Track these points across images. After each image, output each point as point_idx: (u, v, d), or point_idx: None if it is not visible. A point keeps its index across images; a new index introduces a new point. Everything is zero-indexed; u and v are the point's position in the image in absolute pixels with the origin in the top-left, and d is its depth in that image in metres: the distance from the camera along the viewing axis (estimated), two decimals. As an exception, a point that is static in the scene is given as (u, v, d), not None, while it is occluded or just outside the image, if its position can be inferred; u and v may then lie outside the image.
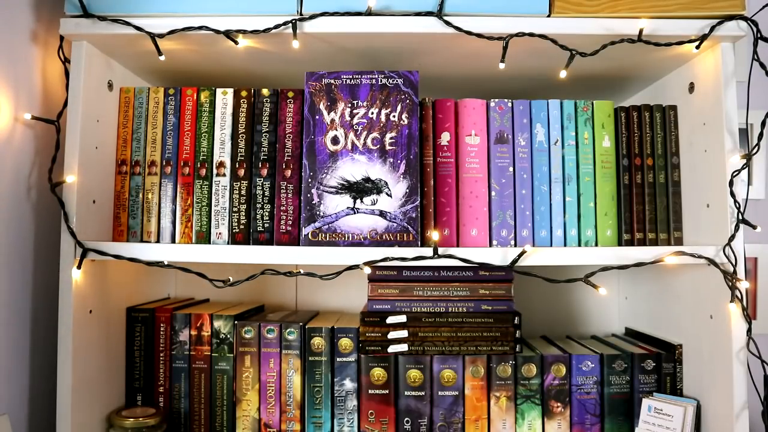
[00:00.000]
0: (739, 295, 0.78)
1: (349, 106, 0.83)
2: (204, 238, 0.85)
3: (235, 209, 0.85)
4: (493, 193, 0.86)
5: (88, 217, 0.82)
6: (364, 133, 0.82)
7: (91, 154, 0.83)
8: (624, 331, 1.12)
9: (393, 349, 0.88)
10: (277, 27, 0.79)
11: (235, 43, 0.81)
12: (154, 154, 0.87)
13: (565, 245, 0.86)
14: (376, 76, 0.83)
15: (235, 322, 0.92)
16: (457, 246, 0.84)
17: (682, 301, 0.91)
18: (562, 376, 0.89)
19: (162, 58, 0.84)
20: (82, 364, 0.81)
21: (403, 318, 0.88)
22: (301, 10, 0.80)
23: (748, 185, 1.12)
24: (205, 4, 0.80)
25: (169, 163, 0.87)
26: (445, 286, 0.89)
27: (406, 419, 0.89)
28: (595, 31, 0.79)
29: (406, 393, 0.89)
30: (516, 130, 0.87)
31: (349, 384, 0.90)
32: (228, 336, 0.92)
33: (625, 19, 0.79)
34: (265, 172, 0.85)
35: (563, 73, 0.85)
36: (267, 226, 0.84)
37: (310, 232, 0.81)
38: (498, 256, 0.80)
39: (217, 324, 0.92)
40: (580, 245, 0.86)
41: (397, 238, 0.81)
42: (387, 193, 0.81)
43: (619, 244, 0.87)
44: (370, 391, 0.89)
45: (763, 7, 0.86)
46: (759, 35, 0.79)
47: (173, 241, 0.86)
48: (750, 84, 0.82)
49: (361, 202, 0.81)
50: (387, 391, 0.89)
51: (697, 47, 0.80)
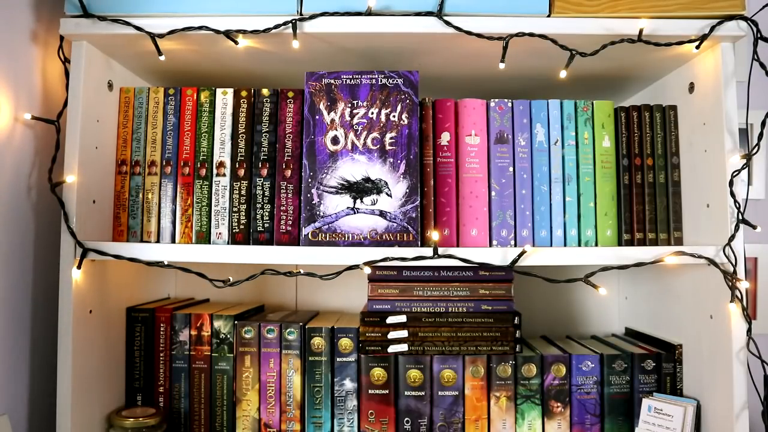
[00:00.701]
0: (739, 295, 0.78)
1: (349, 106, 0.83)
2: (204, 238, 0.85)
3: (235, 209, 0.85)
4: (493, 193, 0.86)
5: (88, 217, 0.82)
6: (364, 133, 0.82)
7: (91, 154, 0.83)
8: (624, 331, 1.12)
9: (393, 349, 0.88)
10: (277, 27, 0.79)
11: (235, 43, 0.81)
12: (154, 154, 0.87)
13: (565, 245, 0.86)
14: (376, 76, 0.83)
15: (235, 322, 0.92)
16: (457, 246, 0.84)
17: (682, 301, 0.91)
18: (562, 376, 0.89)
19: (162, 58, 0.84)
20: (82, 364, 0.81)
21: (403, 318, 0.88)
22: (301, 10, 0.80)
23: (748, 185, 1.12)
24: (205, 4, 0.80)
25: (169, 163, 0.87)
26: (445, 286, 0.89)
27: (406, 419, 0.89)
28: (595, 31, 0.79)
29: (406, 393, 0.89)
30: (516, 130, 0.87)
31: (349, 384, 0.90)
32: (228, 336, 0.92)
33: (625, 19, 0.79)
34: (265, 172, 0.85)
35: (563, 73, 0.85)
36: (267, 226, 0.84)
37: (310, 232, 0.81)
38: (498, 256, 0.80)
39: (217, 324, 0.92)
40: (580, 245, 0.86)
41: (397, 238, 0.81)
42: (387, 193, 0.81)
43: (619, 244, 0.87)
44: (370, 391, 0.89)
45: (763, 7, 0.86)
46: (759, 35, 0.79)
47: (173, 241, 0.86)
48: (750, 84, 0.82)
49: (361, 202, 0.81)
50: (387, 391, 0.89)
51: (697, 47, 0.80)
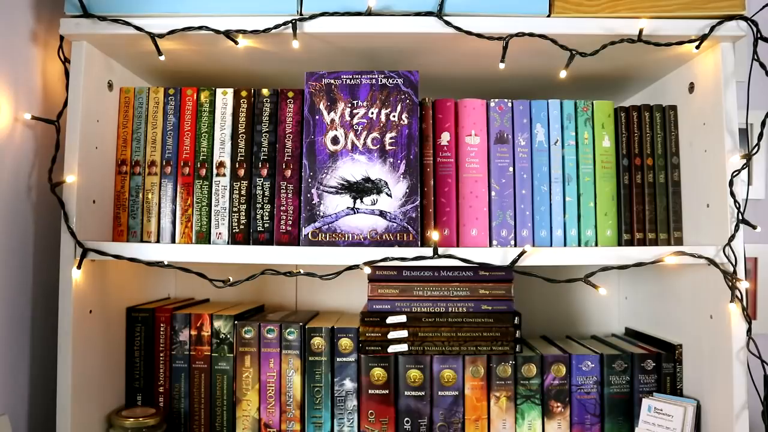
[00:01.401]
0: (739, 295, 0.78)
1: (349, 106, 0.83)
2: (204, 238, 0.85)
3: (235, 209, 0.85)
4: (493, 193, 0.86)
5: (88, 217, 0.82)
6: (364, 133, 0.82)
7: (91, 154, 0.83)
8: (624, 331, 1.12)
9: (393, 349, 0.88)
10: (277, 27, 0.79)
11: (235, 43, 0.81)
12: (154, 154, 0.87)
13: (565, 245, 0.86)
14: (376, 76, 0.83)
15: (235, 322, 0.92)
16: (457, 246, 0.84)
17: (682, 301, 0.91)
18: (562, 376, 0.89)
19: (162, 58, 0.84)
20: (82, 364, 0.81)
21: (403, 318, 0.88)
22: (301, 10, 0.80)
23: (748, 185, 1.12)
24: (205, 4, 0.80)
25: (169, 163, 0.87)
26: (445, 286, 0.89)
27: (406, 419, 0.89)
28: (595, 31, 0.79)
29: (406, 393, 0.89)
30: (516, 130, 0.87)
31: (349, 384, 0.90)
32: (228, 336, 0.92)
33: (625, 19, 0.79)
34: (265, 172, 0.85)
35: (563, 73, 0.85)
36: (267, 226, 0.84)
37: (310, 232, 0.81)
38: (498, 256, 0.80)
39: (217, 324, 0.92)
40: (580, 245, 0.86)
41: (397, 238, 0.81)
42: (387, 193, 0.81)
43: (619, 244, 0.87)
44: (370, 391, 0.89)
45: (763, 7, 0.86)
46: (759, 35, 0.79)
47: (173, 241, 0.86)
48: (750, 84, 0.82)
49: (361, 202, 0.81)
50: (387, 391, 0.89)
51: (697, 47, 0.80)
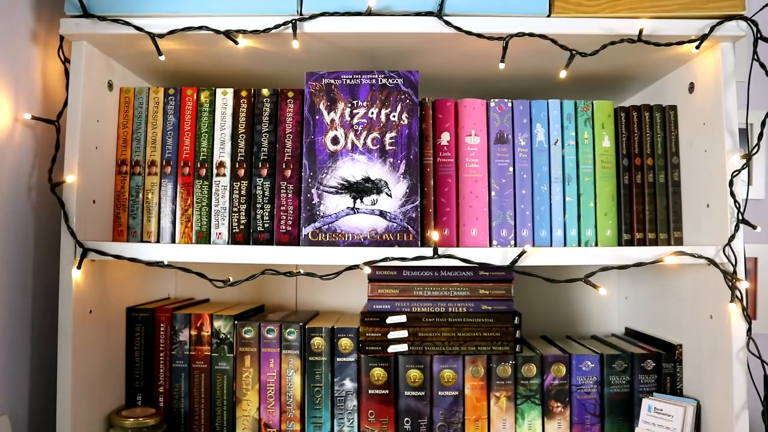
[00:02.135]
0: (739, 295, 0.78)
1: (349, 106, 0.83)
2: (204, 238, 0.85)
3: (235, 209, 0.85)
4: (493, 193, 0.86)
5: (88, 217, 0.82)
6: (364, 133, 0.82)
7: (91, 154, 0.83)
8: (624, 331, 1.12)
9: (393, 349, 0.88)
10: (277, 27, 0.79)
11: (235, 43, 0.81)
12: (154, 154, 0.87)
13: (565, 245, 0.86)
14: (376, 76, 0.83)
15: (235, 322, 0.92)
16: (457, 246, 0.84)
17: (682, 301, 0.91)
18: (562, 376, 0.89)
19: (162, 58, 0.84)
20: (82, 364, 0.81)
21: (403, 318, 0.88)
22: (301, 10, 0.80)
23: (748, 185, 1.12)
24: (205, 4, 0.80)
25: (169, 163, 0.87)
26: (445, 286, 0.89)
27: (406, 419, 0.89)
28: (595, 31, 0.79)
29: (406, 393, 0.89)
30: (516, 130, 0.87)
31: (349, 384, 0.90)
32: (228, 336, 0.92)
33: (625, 19, 0.79)
34: (265, 172, 0.85)
35: (563, 73, 0.85)
36: (267, 226, 0.84)
37: (310, 232, 0.81)
38: (498, 256, 0.80)
39: (217, 324, 0.92)
40: (580, 245, 0.86)
41: (397, 238, 0.81)
42: (387, 193, 0.81)
43: (619, 244, 0.87)
44: (370, 391, 0.89)
45: (763, 7, 0.86)
46: (759, 35, 0.79)
47: (173, 241, 0.86)
48: (750, 84, 0.82)
49: (361, 202, 0.81)
50: (387, 391, 0.89)
51: (697, 47, 0.80)
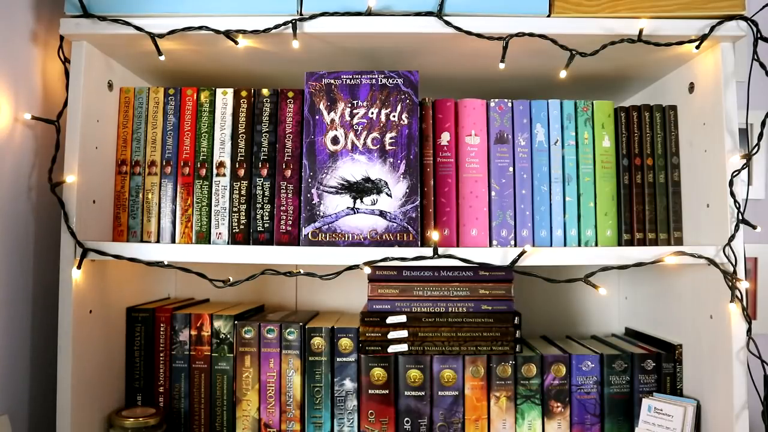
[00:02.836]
0: (739, 295, 0.78)
1: (349, 106, 0.83)
2: (204, 238, 0.85)
3: (235, 209, 0.85)
4: (493, 193, 0.86)
5: (88, 217, 0.82)
6: (364, 133, 0.82)
7: (91, 154, 0.83)
8: (624, 331, 1.12)
9: (393, 349, 0.88)
10: (277, 27, 0.79)
11: (235, 43, 0.81)
12: (154, 154, 0.87)
13: (565, 245, 0.86)
14: (376, 76, 0.83)
15: (235, 322, 0.92)
16: (457, 246, 0.84)
17: (682, 301, 0.91)
18: (562, 376, 0.89)
19: (162, 58, 0.84)
20: (82, 364, 0.81)
21: (403, 318, 0.88)
22: (301, 10, 0.80)
23: (748, 185, 1.12)
24: (205, 4, 0.80)
25: (169, 163, 0.87)
26: (445, 286, 0.89)
27: (406, 419, 0.89)
28: (595, 31, 0.79)
29: (406, 393, 0.89)
30: (516, 130, 0.87)
31: (349, 384, 0.90)
32: (228, 336, 0.92)
33: (625, 19, 0.79)
34: (265, 172, 0.85)
35: (563, 73, 0.85)
36: (267, 226, 0.84)
37: (310, 232, 0.81)
38: (498, 256, 0.80)
39: (217, 324, 0.92)
40: (580, 245, 0.86)
41: (397, 238, 0.81)
42: (387, 193, 0.81)
43: (619, 244, 0.87)
44: (370, 391, 0.89)
45: (763, 7, 0.86)
46: (759, 35, 0.79)
47: (173, 241, 0.86)
48: (750, 84, 0.82)
49: (361, 202, 0.81)
50: (387, 391, 0.89)
51: (697, 47, 0.80)
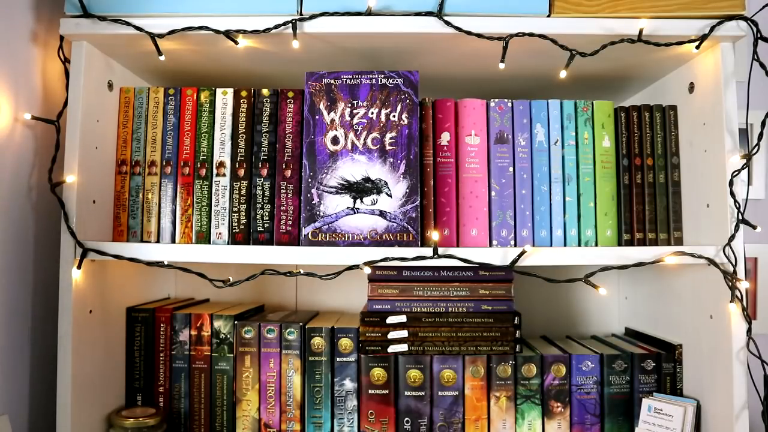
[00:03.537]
0: (739, 295, 0.78)
1: (349, 106, 0.83)
2: (204, 238, 0.85)
3: (235, 209, 0.85)
4: (493, 193, 0.86)
5: (88, 217, 0.82)
6: (364, 133, 0.82)
7: (91, 154, 0.83)
8: (624, 331, 1.12)
9: (393, 349, 0.88)
10: (277, 27, 0.79)
11: (235, 43, 0.81)
12: (154, 154, 0.87)
13: (565, 245, 0.86)
14: (376, 76, 0.83)
15: (235, 322, 0.92)
16: (457, 246, 0.84)
17: (682, 301, 0.91)
18: (562, 376, 0.89)
19: (162, 58, 0.84)
20: (82, 364, 0.81)
21: (403, 318, 0.88)
22: (301, 10, 0.80)
23: (748, 185, 1.12)
24: (205, 4, 0.80)
25: (169, 163, 0.87)
26: (445, 286, 0.89)
27: (406, 419, 0.89)
28: (595, 31, 0.79)
29: (406, 393, 0.89)
30: (516, 130, 0.87)
31: (349, 384, 0.90)
32: (228, 336, 0.92)
33: (625, 19, 0.79)
34: (265, 172, 0.85)
35: (563, 73, 0.85)
36: (267, 226, 0.84)
37: (310, 232, 0.81)
38: (498, 256, 0.80)
39: (217, 324, 0.92)
40: (580, 245, 0.86)
41: (397, 238, 0.81)
42: (387, 193, 0.81)
43: (619, 244, 0.87)
44: (370, 391, 0.89)
45: (763, 7, 0.86)
46: (759, 35, 0.79)
47: (173, 241, 0.86)
48: (750, 84, 0.82)
49: (361, 202, 0.81)
50: (387, 391, 0.89)
51: (697, 47, 0.80)
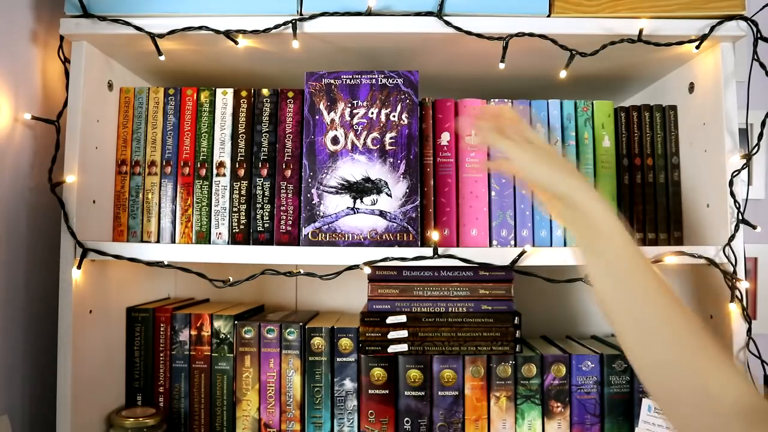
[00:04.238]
0: (739, 295, 0.78)
1: (349, 106, 0.83)
2: (204, 238, 0.85)
3: (235, 209, 0.85)
4: (493, 193, 0.86)
5: (88, 217, 0.82)
6: (364, 133, 0.82)
7: (91, 154, 0.83)
8: (624, 331, 1.12)
9: (393, 349, 0.88)
10: (277, 27, 0.79)
11: (235, 43, 0.81)
12: (154, 154, 0.87)
13: (565, 245, 0.86)
14: (376, 76, 0.83)
15: (235, 322, 0.92)
16: (457, 246, 0.84)
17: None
18: (562, 376, 0.89)
19: (162, 58, 0.84)
20: (82, 364, 0.81)
21: (403, 318, 0.88)
22: (301, 10, 0.80)
23: (748, 185, 1.12)
24: (205, 4, 0.80)
25: (169, 163, 0.87)
26: (445, 286, 0.89)
27: (406, 419, 0.88)
28: (595, 31, 0.79)
29: (406, 393, 0.89)
30: (516, 130, 0.87)
31: (349, 384, 0.90)
32: (228, 336, 0.92)
33: (625, 19, 0.79)
34: (265, 172, 0.85)
35: (563, 73, 0.85)
36: (267, 226, 0.84)
37: (310, 232, 0.81)
38: (498, 256, 0.80)
39: (217, 324, 0.92)
40: (580, 245, 0.86)
41: (397, 238, 0.81)
42: (387, 193, 0.81)
43: (619, 244, 0.87)
44: (370, 391, 0.89)
45: (763, 7, 0.86)
46: (759, 35, 0.79)
47: (173, 241, 0.86)
48: (750, 84, 0.81)
49: (361, 202, 0.81)
50: (387, 391, 0.89)
51: (697, 47, 0.80)
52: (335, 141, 0.82)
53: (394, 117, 0.83)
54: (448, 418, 0.88)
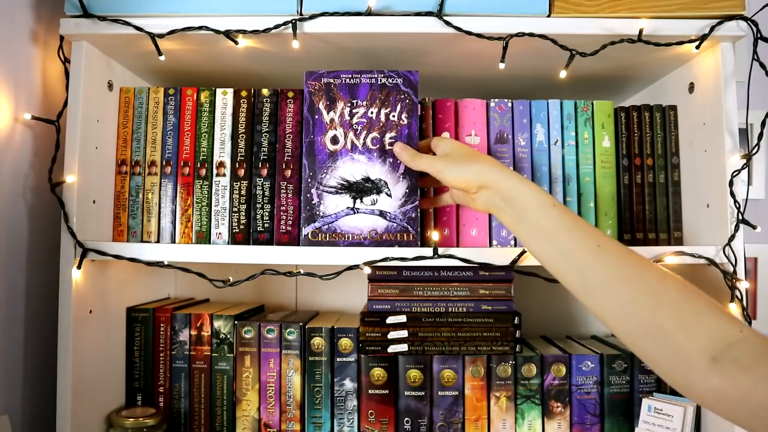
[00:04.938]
0: (739, 295, 0.78)
1: (349, 105, 0.83)
2: (204, 238, 0.85)
3: (235, 209, 0.85)
4: (493, 193, 0.86)
5: (88, 217, 0.82)
6: (364, 132, 0.82)
7: (91, 154, 0.83)
8: (624, 331, 1.11)
9: (393, 349, 0.88)
10: (277, 27, 0.79)
11: (235, 43, 0.81)
12: (154, 154, 0.87)
13: (565, 245, 0.86)
14: (376, 76, 0.83)
15: (235, 322, 0.92)
16: (457, 246, 0.84)
17: (682, 301, 0.91)
18: (562, 376, 0.89)
19: (162, 58, 0.84)
20: (82, 364, 0.81)
21: (403, 318, 0.88)
22: (301, 10, 0.79)
23: (748, 185, 1.12)
24: (205, 4, 0.80)
25: (169, 163, 0.87)
26: (445, 286, 0.89)
27: (406, 419, 0.88)
28: (595, 31, 0.79)
29: (406, 393, 0.89)
30: (516, 130, 0.87)
31: (349, 384, 0.90)
32: (228, 336, 0.92)
33: (625, 19, 0.79)
34: (265, 172, 0.85)
35: (563, 73, 0.85)
36: (267, 226, 0.84)
37: (310, 232, 0.81)
38: (498, 256, 0.80)
39: (217, 324, 0.92)
40: (580, 245, 0.86)
41: (397, 238, 0.81)
42: (387, 193, 0.81)
43: (619, 244, 0.87)
44: (370, 391, 0.89)
45: (763, 7, 0.86)
46: (759, 35, 0.79)
47: (173, 241, 0.86)
48: (750, 84, 0.81)
49: (361, 202, 0.81)
50: (387, 391, 0.89)
51: (697, 47, 0.80)
52: (335, 140, 0.82)
53: (393, 117, 0.83)
54: (448, 418, 0.88)
